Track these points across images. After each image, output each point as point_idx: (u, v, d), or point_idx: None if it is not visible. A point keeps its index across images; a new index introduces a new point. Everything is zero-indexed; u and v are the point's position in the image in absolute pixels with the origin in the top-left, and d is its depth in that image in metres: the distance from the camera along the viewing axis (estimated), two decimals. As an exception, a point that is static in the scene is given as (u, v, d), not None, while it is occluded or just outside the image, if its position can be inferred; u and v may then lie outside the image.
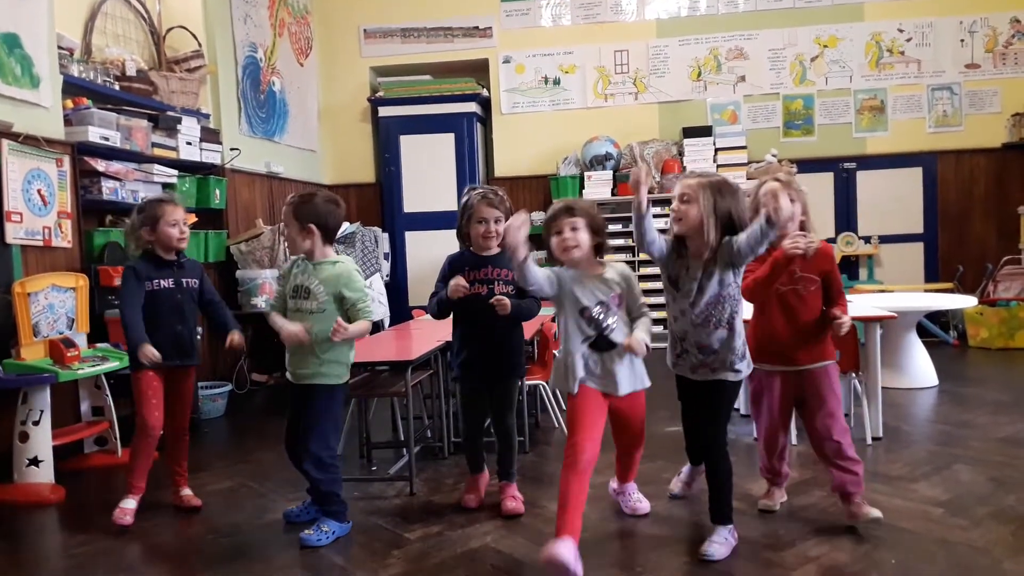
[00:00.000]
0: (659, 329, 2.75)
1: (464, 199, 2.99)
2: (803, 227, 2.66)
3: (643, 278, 6.72)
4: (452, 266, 3.01)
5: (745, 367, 2.59)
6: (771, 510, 2.87)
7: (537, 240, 2.85)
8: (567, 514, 2.39)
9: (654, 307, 2.80)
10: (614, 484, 2.99)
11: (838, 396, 2.72)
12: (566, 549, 2.30)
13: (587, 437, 2.47)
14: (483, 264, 2.97)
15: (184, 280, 3.13)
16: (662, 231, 2.60)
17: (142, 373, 3.02)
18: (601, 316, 2.54)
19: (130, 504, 3.03)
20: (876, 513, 2.63)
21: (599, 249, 2.61)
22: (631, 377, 2.60)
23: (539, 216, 6.44)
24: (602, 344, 2.55)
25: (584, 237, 2.55)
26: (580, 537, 2.39)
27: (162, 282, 3.07)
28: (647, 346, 2.49)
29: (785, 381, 2.75)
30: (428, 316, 3.19)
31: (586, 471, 2.44)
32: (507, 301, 2.84)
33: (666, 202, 6.72)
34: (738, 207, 2.50)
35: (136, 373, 3.04)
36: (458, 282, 2.84)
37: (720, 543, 2.52)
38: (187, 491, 3.21)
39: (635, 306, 2.61)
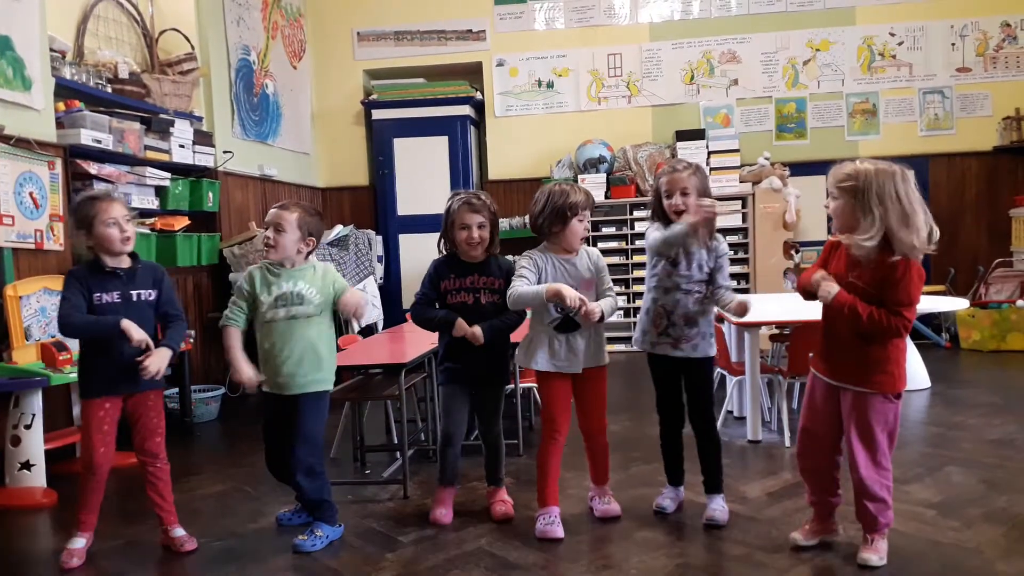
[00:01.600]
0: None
1: (447, 204, 2.92)
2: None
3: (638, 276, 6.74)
4: (438, 271, 2.94)
5: (713, 344, 2.85)
6: (800, 545, 2.55)
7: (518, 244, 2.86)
8: (549, 485, 2.80)
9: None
10: (594, 493, 2.98)
11: (873, 429, 2.36)
12: (560, 528, 2.72)
13: (563, 413, 2.79)
14: (469, 272, 2.90)
15: (135, 293, 2.67)
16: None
17: (91, 402, 2.64)
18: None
19: (78, 543, 2.66)
20: (875, 561, 2.39)
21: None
22: (590, 353, 2.79)
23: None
24: (567, 325, 2.75)
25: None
26: (571, 539, 2.70)
27: (105, 296, 2.62)
28: (602, 314, 2.69)
29: (827, 391, 2.48)
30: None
31: (563, 444, 2.81)
32: (480, 334, 2.81)
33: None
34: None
35: (85, 401, 2.65)
36: (470, 330, 2.81)
37: (721, 508, 2.79)
38: (178, 531, 2.79)
39: (603, 290, 2.83)
